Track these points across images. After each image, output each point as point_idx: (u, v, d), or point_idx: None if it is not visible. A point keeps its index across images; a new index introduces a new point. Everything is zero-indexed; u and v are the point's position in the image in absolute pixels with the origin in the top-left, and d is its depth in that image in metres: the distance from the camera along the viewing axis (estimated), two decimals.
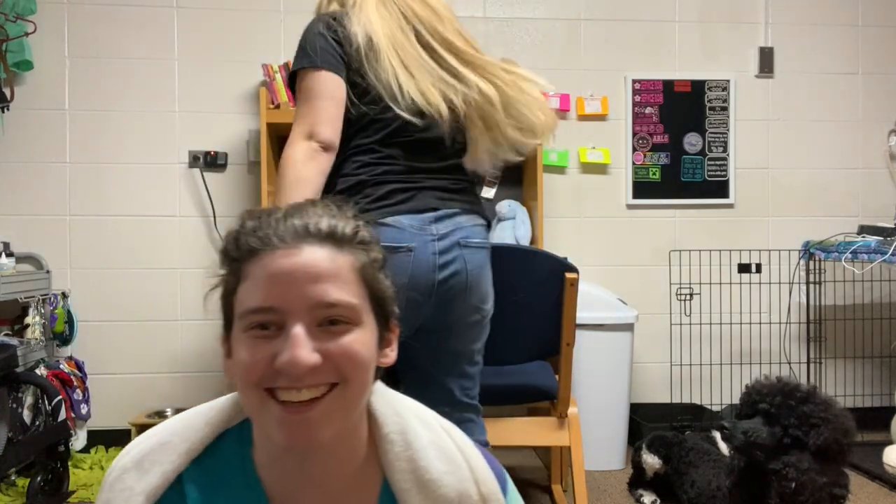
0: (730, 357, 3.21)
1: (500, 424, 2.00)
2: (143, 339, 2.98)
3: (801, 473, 1.66)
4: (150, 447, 0.77)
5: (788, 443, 1.70)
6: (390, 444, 0.78)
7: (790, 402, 1.71)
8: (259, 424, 0.75)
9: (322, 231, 0.72)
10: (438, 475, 0.76)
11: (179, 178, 3.00)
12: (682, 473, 2.19)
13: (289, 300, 0.68)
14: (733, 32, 3.26)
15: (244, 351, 0.70)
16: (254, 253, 0.71)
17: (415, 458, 0.77)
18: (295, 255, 0.69)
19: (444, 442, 0.80)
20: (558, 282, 1.88)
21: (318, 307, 0.69)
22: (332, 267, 0.71)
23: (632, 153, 3.20)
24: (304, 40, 1.45)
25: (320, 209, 0.75)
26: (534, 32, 3.18)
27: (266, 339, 0.69)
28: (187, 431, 0.78)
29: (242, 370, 0.70)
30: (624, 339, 2.73)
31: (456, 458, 0.79)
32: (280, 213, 0.73)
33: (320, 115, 1.36)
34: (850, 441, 1.71)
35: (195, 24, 3.02)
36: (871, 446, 2.71)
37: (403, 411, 0.81)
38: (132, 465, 0.76)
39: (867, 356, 3.23)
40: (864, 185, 3.31)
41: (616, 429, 2.74)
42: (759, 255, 3.18)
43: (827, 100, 3.30)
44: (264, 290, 0.69)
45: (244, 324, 0.70)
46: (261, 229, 0.71)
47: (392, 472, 0.77)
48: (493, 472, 0.81)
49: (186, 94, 2.99)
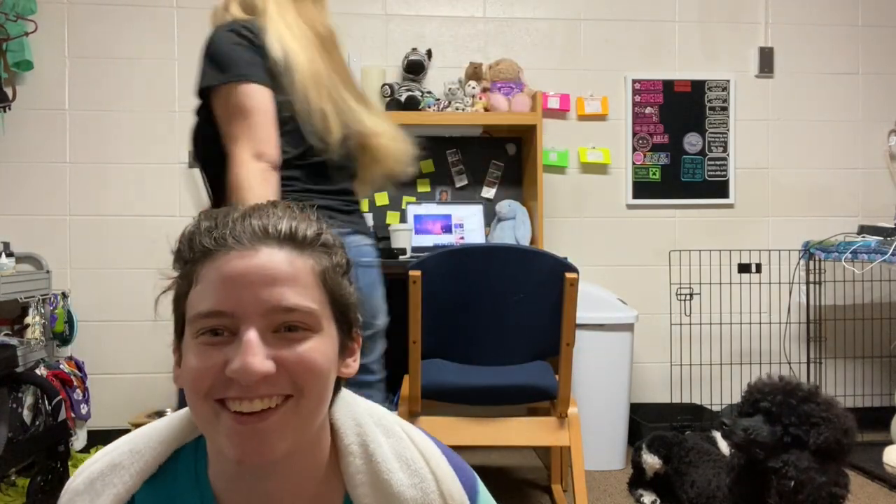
0: (730, 357, 3.21)
1: (500, 424, 2.00)
2: (143, 339, 2.98)
3: (800, 472, 1.66)
4: (102, 468, 0.74)
5: (789, 441, 1.70)
6: (351, 456, 0.74)
7: (791, 400, 1.72)
8: (210, 438, 0.70)
9: (281, 232, 0.67)
10: (401, 489, 0.72)
11: (179, 178, 3.00)
12: (682, 473, 2.19)
13: (242, 304, 0.64)
14: (733, 32, 3.26)
15: (193, 358, 0.65)
16: (207, 254, 0.66)
17: (376, 472, 0.73)
18: (251, 257, 0.65)
19: (407, 450, 0.75)
20: (558, 282, 1.88)
21: (273, 311, 0.64)
22: (291, 270, 0.66)
23: (632, 153, 3.20)
24: (219, 52, 1.36)
25: (281, 210, 0.70)
26: (534, 32, 3.18)
27: (217, 346, 0.64)
28: (141, 450, 0.74)
29: (191, 379, 0.65)
30: (624, 339, 2.73)
31: (420, 470, 0.74)
32: (238, 213, 0.69)
33: (263, 133, 1.33)
34: (850, 441, 1.71)
35: (195, 24, 3.02)
36: (871, 446, 2.71)
37: (364, 419, 0.77)
38: (84, 487, 0.73)
39: (867, 356, 3.23)
40: (864, 185, 3.31)
41: (616, 429, 2.74)
42: (759, 255, 3.18)
43: (827, 100, 3.30)
44: (217, 292, 0.65)
45: (194, 329, 0.66)
46: (216, 229, 0.67)
47: (353, 487, 0.73)
48: (459, 480, 0.76)
49: (186, 94, 2.99)
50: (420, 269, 1.86)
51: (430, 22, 3.14)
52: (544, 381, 2.06)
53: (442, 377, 2.05)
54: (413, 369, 1.95)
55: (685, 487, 2.16)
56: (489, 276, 1.89)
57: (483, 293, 1.90)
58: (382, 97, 2.88)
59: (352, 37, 3.08)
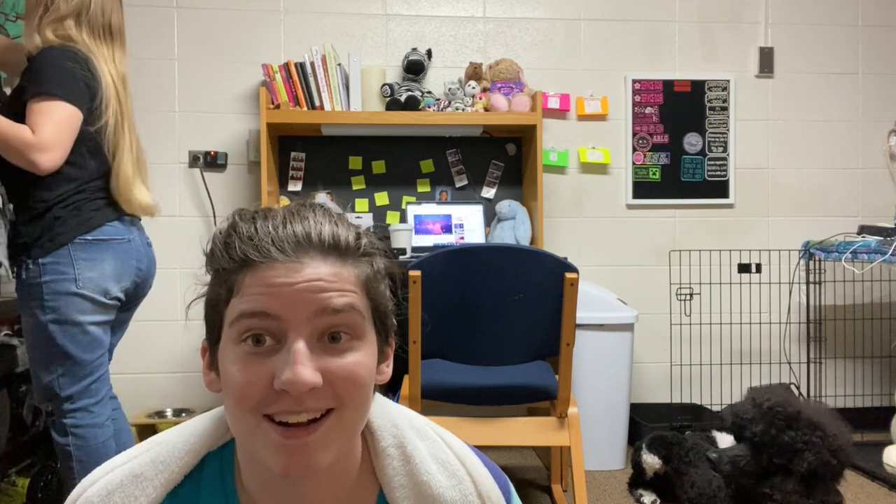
0: (730, 357, 3.21)
1: (500, 424, 2.00)
2: (143, 339, 2.98)
3: (786, 496, 1.68)
4: (122, 479, 0.70)
5: (773, 470, 1.72)
6: (388, 458, 0.73)
7: (772, 430, 1.73)
8: (250, 449, 0.67)
9: (325, 241, 0.66)
10: (440, 491, 0.72)
11: (179, 178, 3.01)
12: (682, 473, 2.19)
13: (289, 308, 0.63)
14: (733, 32, 3.26)
15: (236, 368, 0.63)
16: (249, 265, 0.64)
17: (415, 473, 0.73)
18: (297, 270, 0.64)
19: (443, 453, 0.75)
20: (558, 282, 1.88)
21: (321, 314, 0.63)
22: (336, 281, 0.65)
23: (632, 153, 3.20)
24: (54, 68, 1.67)
25: (321, 215, 0.68)
26: (534, 32, 3.18)
27: (261, 357, 0.63)
28: (166, 460, 0.71)
29: (236, 392, 0.63)
30: (624, 339, 2.73)
31: (458, 472, 0.74)
32: (278, 217, 0.67)
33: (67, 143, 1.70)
34: (844, 458, 1.72)
35: (195, 24, 3.02)
36: (871, 446, 2.72)
37: (399, 421, 0.76)
38: (99, 499, 0.69)
39: (867, 356, 3.23)
40: (864, 185, 3.31)
41: (616, 429, 2.74)
42: (759, 255, 3.18)
43: (827, 100, 3.30)
44: (263, 299, 0.63)
45: (237, 331, 0.64)
46: (257, 237, 0.65)
47: (391, 489, 0.72)
48: (496, 482, 0.76)
49: (186, 94, 3.00)
50: (420, 269, 1.86)
51: (430, 22, 3.14)
52: (544, 381, 2.05)
53: (442, 377, 2.05)
54: (413, 369, 1.95)
55: (685, 487, 2.16)
56: (489, 276, 1.89)
57: (483, 293, 1.90)
58: (382, 97, 2.88)
59: (352, 37, 3.08)
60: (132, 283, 1.87)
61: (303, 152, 3.05)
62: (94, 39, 1.78)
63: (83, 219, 1.74)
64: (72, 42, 1.74)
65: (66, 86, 1.66)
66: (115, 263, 1.79)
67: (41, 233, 1.71)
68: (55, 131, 1.64)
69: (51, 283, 1.70)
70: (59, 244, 1.71)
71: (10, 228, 1.75)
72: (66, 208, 1.73)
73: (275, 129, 2.89)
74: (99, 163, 1.79)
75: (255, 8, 3.03)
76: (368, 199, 3.07)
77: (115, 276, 1.79)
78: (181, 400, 2.95)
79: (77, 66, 1.70)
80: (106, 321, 1.82)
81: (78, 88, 1.69)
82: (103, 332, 1.82)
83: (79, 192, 1.75)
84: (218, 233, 0.68)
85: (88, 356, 1.78)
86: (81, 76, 1.71)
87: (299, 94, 2.83)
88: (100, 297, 1.76)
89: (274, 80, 2.82)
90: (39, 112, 1.63)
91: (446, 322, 1.93)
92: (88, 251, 1.74)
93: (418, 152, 3.10)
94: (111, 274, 1.78)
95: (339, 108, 2.83)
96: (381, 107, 2.88)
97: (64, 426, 1.77)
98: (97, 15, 1.78)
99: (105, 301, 1.78)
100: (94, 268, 1.74)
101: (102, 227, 1.77)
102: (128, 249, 1.83)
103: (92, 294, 1.74)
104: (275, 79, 2.82)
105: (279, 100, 2.81)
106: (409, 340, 1.91)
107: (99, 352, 1.81)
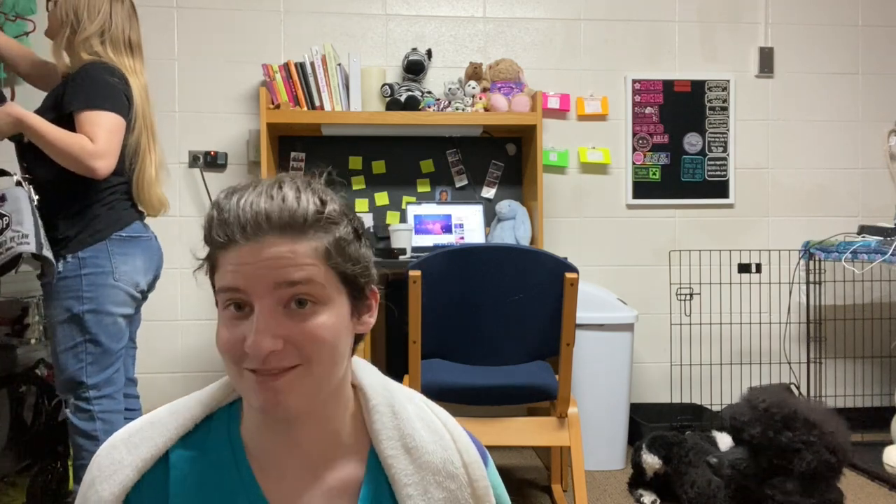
0: (730, 357, 3.21)
1: (500, 424, 2.00)
2: (143, 339, 2.96)
3: (786, 496, 1.69)
4: (141, 425, 0.81)
5: (772, 471, 1.73)
6: (378, 413, 0.82)
7: (769, 433, 1.73)
8: (240, 392, 0.78)
9: (283, 220, 0.73)
10: (423, 443, 0.81)
11: (179, 178, 3.00)
12: (682, 473, 2.19)
13: (253, 283, 0.72)
14: (733, 32, 3.26)
15: (222, 329, 0.75)
16: (221, 246, 0.74)
17: (401, 427, 0.82)
18: (258, 250, 0.72)
19: (429, 417, 0.85)
20: (558, 282, 1.88)
21: (279, 286, 0.72)
22: (293, 256, 0.73)
23: (632, 153, 3.20)
24: (100, 82, 1.84)
25: (287, 188, 0.75)
26: (534, 32, 3.18)
27: (240, 320, 0.74)
28: (179, 410, 0.82)
29: (222, 349, 0.75)
30: (624, 339, 2.73)
31: (440, 430, 0.84)
32: (245, 198, 0.74)
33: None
34: (842, 457, 1.72)
35: (195, 24, 3.02)
36: (871, 446, 2.72)
37: (390, 384, 0.87)
38: (121, 442, 0.79)
39: (867, 356, 3.23)
40: (864, 185, 3.31)
41: (616, 429, 2.74)
42: (759, 255, 3.18)
43: (827, 100, 3.30)
44: (232, 275, 0.73)
45: (222, 300, 0.75)
46: (226, 224, 0.74)
47: (379, 441, 0.81)
48: (475, 448, 0.86)
49: (186, 94, 3.00)
50: (420, 269, 1.86)
51: (430, 22, 3.14)
52: (544, 381, 2.05)
53: (442, 377, 2.05)
54: (413, 369, 1.95)
55: (685, 487, 2.16)
56: (489, 276, 1.89)
57: (483, 293, 1.90)
58: (382, 97, 2.88)
59: (352, 37, 3.08)
60: (153, 278, 2.04)
61: (303, 152, 3.05)
62: (117, 55, 1.95)
63: (117, 217, 1.91)
64: (100, 58, 1.90)
65: (112, 98, 1.84)
66: (143, 259, 1.96)
67: (81, 229, 1.86)
68: (108, 139, 1.81)
69: (90, 276, 1.85)
70: (97, 240, 1.86)
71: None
72: (104, 207, 1.89)
73: (275, 129, 2.89)
74: (126, 166, 1.95)
75: (255, 8, 3.03)
76: (368, 199, 3.07)
77: (143, 270, 1.96)
78: None
79: (116, 80, 1.88)
80: (131, 314, 1.97)
81: (121, 100, 1.87)
82: (126, 324, 1.95)
83: (113, 192, 1.92)
84: (208, 214, 0.77)
85: (115, 345, 1.91)
86: (122, 89, 1.88)
87: (299, 94, 2.83)
88: (132, 289, 1.92)
89: (274, 80, 2.82)
90: (92, 122, 1.80)
91: (446, 322, 1.93)
92: (122, 247, 1.90)
93: (418, 152, 3.10)
94: (141, 268, 1.95)
95: (339, 108, 2.83)
96: (381, 107, 2.88)
97: (91, 413, 1.89)
98: (118, 32, 1.96)
99: (135, 294, 1.94)
100: (128, 262, 1.90)
101: (132, 225, 1.94)
102: (152, 246, 2.02)
103: (125, 287, 1.90)
104: (275, 79, 2.82)
105: (279, 100, 2.81)
106: (409, 340, 1.91)
107: (123, 342, 1.95)
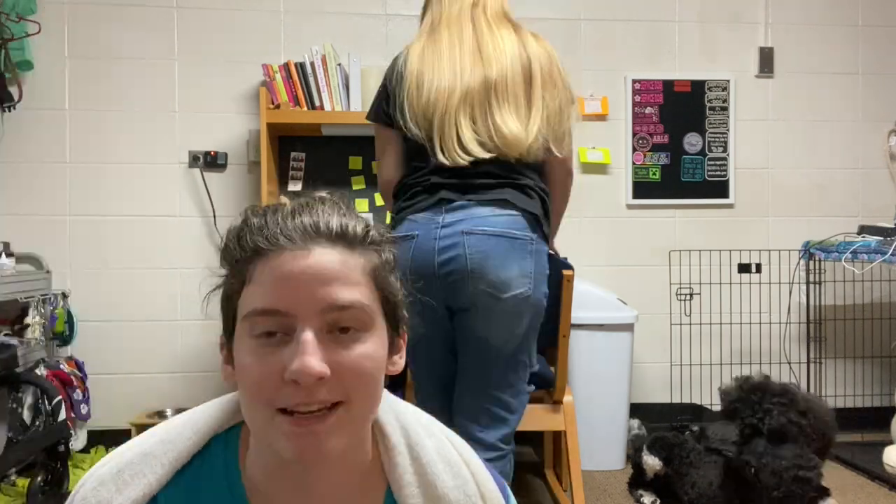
0: (730, 357, 3.21)
1: None
2: (143, 339, 2.98)
3: (757, 458, 1.69)
4: (132, 458, 0.72)
5: (749, 433, 1.74)
6: (398, 455, 0.75)
7: (752, 396, 1.77)
8: (264, 438, 0.70)
9: (333, 230, 0.68)
10: (445, 491, 0.74)
11: (179, 178, 3.00)
12: (683, 474, 2.19)
13: (298, 303, 0.64)
14: (733, 32, 3.26)
15: (250, 360, 0.66)
16: (260, 253, 0.67)
17: (423, 473, 0.75)
18: (304, 257, 0.65)
19: (449, 453, 0.77)
20: (556, 279, 1.90)
21: (328, 310, 0.65)
22: (344, 269, 0.67)
23: (632, 153, 3.20)
24: None
25: (329, 206, 0.70)
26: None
27: (273, 349, 0.65)
28: (174, 440, 0.73)
29: (251, 386, 0.66)
30: (624, 339, 2.73)
31: (462, 472, 0.76)
32: (287, 209, 0.69)
33: None
34: (814, 422, 1.74)
35: (195, 24, 3.02)
36: (871, 446, 2.72)
37: (407, 419, 0.79)
38: (110, 477, 0.71)
39: (867, 356, 3.23)
40: (864, 185, 3.31)
41: (616, 429, 2.74)
42: (759, 255, 3.18)
43: (827, 100, 3.30)
44: (272, 292, 0.65)
45: (249, 326, 0.66)
46: (267, 228, 0.67)
47: (399, 487, 0.74)
48: (497, 486, 0.79)
49: (186, 94, 2.99)
50: None
51: None
52: (541, 370, 2.09)
53: None
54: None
55: (685, 488, 2.16)
56: None
57: None
58: None
59: (352, 37, 3.07)
60: None
61: (303, 152, 3.05)
62: None
63: None
64: None
65: None
66: None
67: None
68: None
69: None
70: None
71: None
72: None
73: (275, 129, 2.89)
74: None
75: (255, 8, 3.03)
76: (368, 199, 3.07)
77: None
78: (181, 400, 2.94)
79: None
80: None
81: None
82: None
83: None
84: (231, 228, 0.71)
85: None
86: None
87: (299, 94, 2.83)
88: None
89: (274, 80, 2.82)
90: None
91: None
92: None
93: None
94: None
95: (339, 108, 2.83)
96: None
97: None
98: None
99: None
100: None
101: None
102: None
103: None
104: (275, 79, 2.82)
105: (279, 100, 2.81)
106: None
107: None
